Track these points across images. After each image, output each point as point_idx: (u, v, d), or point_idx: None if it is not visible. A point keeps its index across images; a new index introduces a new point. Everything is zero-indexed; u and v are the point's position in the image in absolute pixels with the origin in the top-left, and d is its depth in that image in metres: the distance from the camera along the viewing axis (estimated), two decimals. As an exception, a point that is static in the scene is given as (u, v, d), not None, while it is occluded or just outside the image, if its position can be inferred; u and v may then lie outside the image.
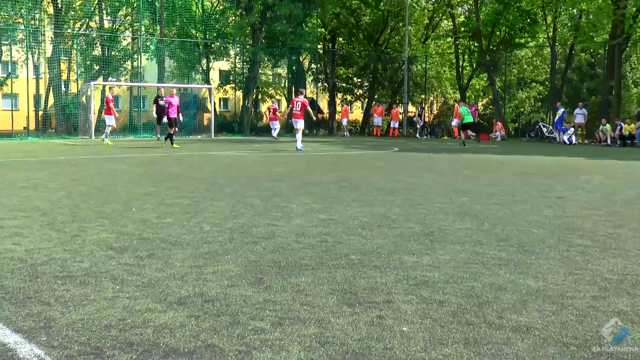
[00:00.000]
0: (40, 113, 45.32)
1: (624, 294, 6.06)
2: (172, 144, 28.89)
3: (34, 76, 45.63)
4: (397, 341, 4.76)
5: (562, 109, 40.83)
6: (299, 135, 29.42)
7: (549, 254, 7.65)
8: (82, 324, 5.04)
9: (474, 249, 7.87)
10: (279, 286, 6.16)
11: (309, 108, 29.64)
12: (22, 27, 42.14)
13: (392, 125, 48.60)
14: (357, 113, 68.11)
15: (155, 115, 35.70)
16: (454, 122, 40.96)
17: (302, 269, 6.79)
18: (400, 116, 50.65)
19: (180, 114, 29.93)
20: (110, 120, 33.10)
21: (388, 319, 5.26)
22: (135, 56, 46.05)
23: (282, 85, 57.80)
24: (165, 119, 30.66)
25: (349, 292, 5.99)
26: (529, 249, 7.92)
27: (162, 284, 6.19)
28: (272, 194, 12.86)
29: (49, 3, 43.95)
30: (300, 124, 29.51)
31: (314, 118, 34.40)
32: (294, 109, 29.35)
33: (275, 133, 40.84)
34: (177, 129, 30.14)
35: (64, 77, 45.74)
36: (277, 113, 42.69)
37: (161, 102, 33.48)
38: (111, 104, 33.29)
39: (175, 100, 29.37)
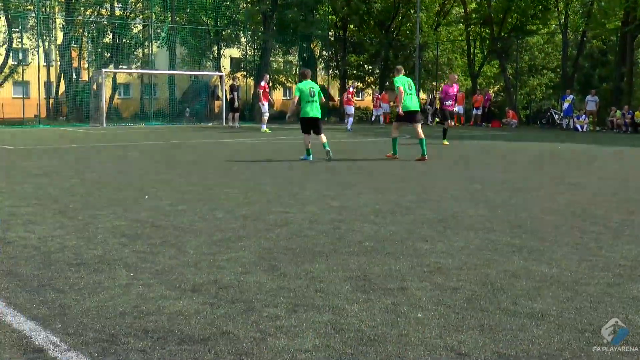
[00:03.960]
0: (52, 101, 45.42)
1: (638, 280, 6.04)
2: (444, 139, 24.33)
3: (45, 64, 45.67)
4: (412, 327, 4.76)
5: (571, 96, 40.67)
6: (350, 120, 35.14)
7: (562, 241, 7.63)
8: (97, 311, 5.05)
9: (487, 236, 7.86)
10: (293, 273, 6.16)
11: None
12: (33, 14, 42.15)
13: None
14: (368, 100, 67.93)
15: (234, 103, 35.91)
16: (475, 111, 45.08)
17: (316, 256, 6.79)
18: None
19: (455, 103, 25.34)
20: (265, 107, 32.67)
21: (402, 305, 5.26)
22: (146, 43, 46.09)
23: (293, 72, 57.66)
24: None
25: (363, 279, 5.99)
26: (542, 236, 7.90)
27: (175, 271, 6.19)
28: (284, 181, 12.86)
29: (59, -10, 44.02)
30: (348, 110, 35.65)
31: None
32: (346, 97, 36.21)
33: (349, 124, 35.91)
34: (451, 122, 26.62)
35: (75, 64, 45.79)
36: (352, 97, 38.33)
37: (237, 92, 35.73)
38: (266, 90, 32.85)
39: (454, 89, 24.50)
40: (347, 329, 4.73)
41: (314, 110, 17.02)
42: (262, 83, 33.28)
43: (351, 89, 36.96)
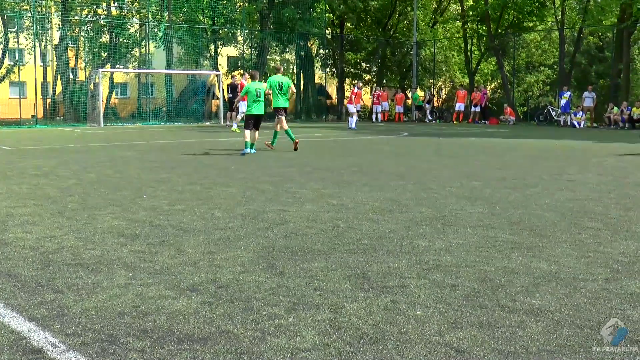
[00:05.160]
0: (48, 101, 45.25)
1: (636, 276, 6.05)
2: None
3: (42, 64, 45.51)
4: (412, 325, 4.76)
5: (568, 93, 40.72)
6: (353, 118, 35.22)
7: (560, 237, 7.64)
8: (96, 312, 5.05)
9: (485, 233, 7.86)
10: (292, 272, 6.16)
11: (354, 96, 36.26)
12: (29, 14, 42.03)
13: (396, 110, 48.62)
14: (365, 98, 68.05)
15: (235, 101, 35.30)
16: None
17: (315, 255, 6.79)
18: (409, 101, 50.62)
19: None
20: (243, 107, 31.26)
21: (402, 303, 5.26)
22: (143, 43, 45.98)
23: (291, 71, 57.66)
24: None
25: (362, 277, 5.99)
26: (541, 232, 7.91)
27: (174, 271, 6.19)
28: (283, 180, 12.86)
29: (55, -11, 43.93)
30: (351, 108, 35.79)
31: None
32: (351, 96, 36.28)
33: (352, 122, 35.44)
34: None
35: (72, 64, 45.62)
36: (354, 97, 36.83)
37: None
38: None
39: None
40: (347, 327, 4.73)
41: (259, 109, 19.26)
42: (243, 81, 32.58)
43: (356, 89, 37.20)
